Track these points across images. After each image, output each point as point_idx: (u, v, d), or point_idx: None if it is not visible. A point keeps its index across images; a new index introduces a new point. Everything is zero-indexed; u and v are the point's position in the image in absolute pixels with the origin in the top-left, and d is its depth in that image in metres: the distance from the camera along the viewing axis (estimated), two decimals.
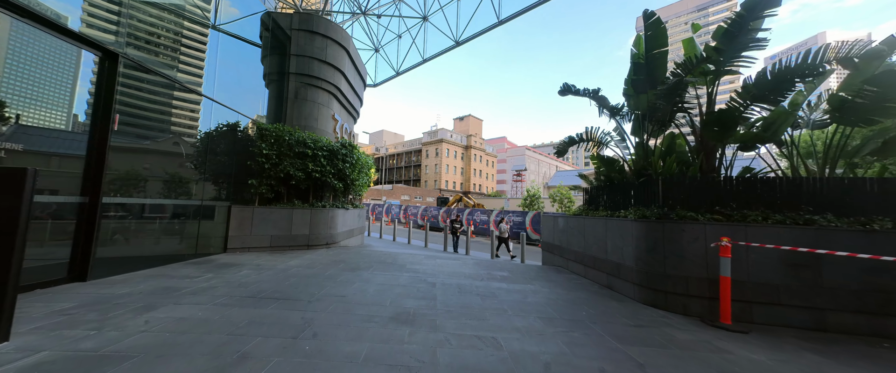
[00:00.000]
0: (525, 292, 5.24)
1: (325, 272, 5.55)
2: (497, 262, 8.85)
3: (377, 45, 19.43)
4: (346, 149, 9.14)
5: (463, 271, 6.61)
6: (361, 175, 10.45)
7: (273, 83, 9.61)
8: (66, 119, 4.42)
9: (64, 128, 4.36)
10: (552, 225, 8.85)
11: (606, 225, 6.10)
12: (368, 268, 6.25)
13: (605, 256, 6.08)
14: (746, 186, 4.86)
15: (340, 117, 11.28)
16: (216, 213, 6.85)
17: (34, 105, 4.01)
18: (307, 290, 4.38)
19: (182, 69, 6.66)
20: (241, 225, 7.13)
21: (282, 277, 5.00)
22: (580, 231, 7.15)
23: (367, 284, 4.99)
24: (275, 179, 7.71)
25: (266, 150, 7.46)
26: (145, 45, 5.75)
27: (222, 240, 6.90)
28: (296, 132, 8.18)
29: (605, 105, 6.97)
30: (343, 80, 10.90)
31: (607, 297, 5.24)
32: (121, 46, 4.95)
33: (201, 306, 3.47)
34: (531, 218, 19.53)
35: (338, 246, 9.04)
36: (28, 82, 4.01)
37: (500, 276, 6.42)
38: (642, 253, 5.04)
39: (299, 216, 7.94)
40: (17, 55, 3.88)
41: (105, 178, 4.46)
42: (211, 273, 4.95)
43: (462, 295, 4.75)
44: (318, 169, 8.26)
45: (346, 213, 9.66)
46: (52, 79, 4.25)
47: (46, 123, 4.13)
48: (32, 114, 4.01)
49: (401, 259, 7.67)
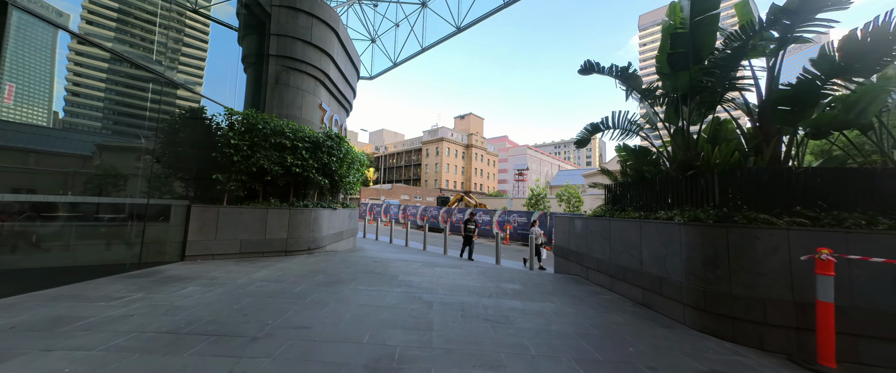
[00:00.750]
0: (546, 314, 4.14)
1: (295, 288, 4.44)
2: (504, 270, 7.76)
3: (373, 35, 18.33)
4: (332, 140, 8.04)
5: (466, 284, 5.51)
6: (352, 171, 9.34)
7: (251, 67, 8.51)
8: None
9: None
10: (567, 228, 7.75)
11: (641, 229, 5.00)
12: (352, 281, 5.15)
13: (640, 267, 4.98)
14: (835, 180, 3.75)
15: (330, 108, 10.17)
16: (173, 214, 5.75)
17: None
18: (259, 318, 3.28)
19: (131, 43, 5.58)
20: (203, 228, 6.02)
21: (234, 297, 3.90)
22: (604, 236, 6.05)
23: (344, 306, 3.89)
24: (246, 175, 6.61)
25: (235, 139, 6.36)
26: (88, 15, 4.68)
27: (179, 246, 5.80)
28: (273, 120, 7.07)
29: (635, 86, 5.86)
30: (332, 65, 9.79)
31: (650, 321, 4.14)
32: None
33: (83, 353, 2.37)
34: (537, 218, 18.40)
35: (323, 251, 7.94)
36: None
37: (512, 290, 5.32)
38: (696, 266, 3.94)
39: (275, 217, 6.84)
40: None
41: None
42: (142, 293, 3.85)
43: (467, 321, 3.65)
44: (298, 163, 7.16)
45: (333, 214, 8.56)
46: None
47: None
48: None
49: (393, 268, 6.56)
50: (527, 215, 19.29)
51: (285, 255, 6.91)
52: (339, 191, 9.47)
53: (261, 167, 6.70)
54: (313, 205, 7.84)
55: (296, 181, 7.65)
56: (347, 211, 10.14)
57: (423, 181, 69.68)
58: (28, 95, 4.05)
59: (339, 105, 11.33)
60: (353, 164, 9.16)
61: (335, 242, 8.87)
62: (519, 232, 19.28)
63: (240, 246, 6.39)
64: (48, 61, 4.32)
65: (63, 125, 4.65)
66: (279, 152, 6.97)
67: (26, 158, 4.11)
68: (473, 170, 72.39)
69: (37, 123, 4.24)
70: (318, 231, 7.68)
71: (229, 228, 6.29)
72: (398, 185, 57.86)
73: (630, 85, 5.91)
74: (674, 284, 4.26)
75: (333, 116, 10.55)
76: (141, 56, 5.38)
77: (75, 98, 4.80)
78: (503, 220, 20.18)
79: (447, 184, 66.97)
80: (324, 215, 7.96)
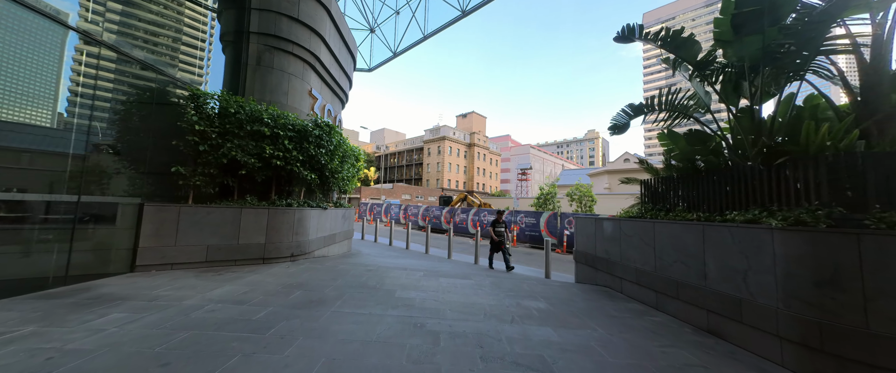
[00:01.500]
0: (591, 350, 3.06)
1: (258, 314, 3.38)
2: (519, 280, 6.69)
3: (372, 25, 17.28)
4: (320, 129, 6.97)
5: (480, 302, 4.43)
6: (345, 166, 8.28)
7: (229, 46, 7.46)
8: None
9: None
10: (592, 231, 6.67)
11: (704, 234, 3.92)
12: (336, 300, 4.08)
13: (702, 283, 3.90)
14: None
15: (321, 96, 9.12)
16: (120, 215, 4.71)
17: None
18: (186, 370, 2.21)
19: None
20: (160, 231, 4.98)
21: (165, 331, 2.84)
22: (645, 241, 4.96)
23: (318, 343, 2.82)
24: (216, 168, 5.55)
25: (201, 125, 5.30)
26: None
27: (129, 254, 4.75)
28: (250, 103, 6.02)
29: (689, 55, 4.76)
30: (323, 46, 8.73)
31: (731, 358, 3.07)
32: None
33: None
34: (546, 219, 17.32)
35: (309, 258, 6.88)
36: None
37: (537, 311, 4.24)
38: (804, 288, 2.86)
39: (251, 219, 5.78)
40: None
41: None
42: (37, 324, 2.79)
43: (488, 365, 2.58)
44: (279, 154, 6.10)
45: (322, 214, 7.50)
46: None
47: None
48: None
49: (391, 279, 5.50)
50: (535, 216, 18.20)
51: (263, 263, 5.85)
52: (332, 188, 8.41)
53: (233, 159, 5.64)
54: (299, 204, 6.78)
55: (278, 176, 6.60)
56: (341, 211, 9.08)
57: (425, 181, 68.60)
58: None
59: (332, 94, 10.27)
60: (346, 157, 8.10)
61: (326, 247, 7.81)
62: (527, 233, 18.19)
63: (206, 253, 5.34)
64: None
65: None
66: (256, 142, 5.91)
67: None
68: (476, 169, 71.22)
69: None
70: (303, 234, 6.61)
71: (193, 231, 5.23)
72: (399, 184, 56.80)
73: (682, 54, 4.81)
74: (762, 309, 3.17)
75: (326, 106, 9.49)
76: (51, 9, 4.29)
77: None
78: (509, 220, 19.10)
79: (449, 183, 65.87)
80: (311, 216, 6.89)
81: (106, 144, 4.65)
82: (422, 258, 9.93)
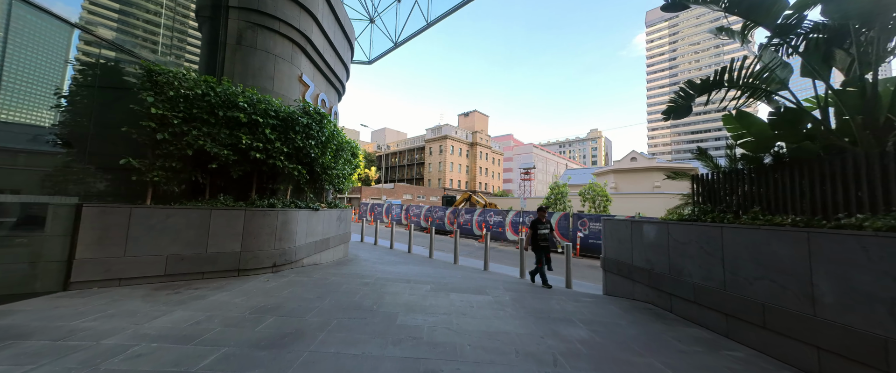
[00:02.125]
0: None
1: (202, 362, 2.39)
2: (543, 295, 5.70)
3: (372, 15, 16.30)
4: (309, 117, 5.99)
5: (505, 332, 3.43)
6: (340, 160, 7.30)
7: (206, 22, 6.48)
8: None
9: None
10: (627, 235, 5.68)
11: (808, 245, 2.92)
12: (318, 332, 3.09)
13: (810, 311, 2.90)
14: None
15: (314, 83, 8.14)
16: (50, 219, 3.74)
17: None
18: None
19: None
20: (104, 239, 4.00)
21: None
22: (709, 251, 3.96)
23: None
24: (178, 160, 4.57)
25: (158, 108, 4.31)
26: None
27: (61, 267, 3.78)
28: (224, 84, 5.04)
29: (761, 16, 3.74)
30: (315, 28, 7.75)
31: None
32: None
33: None
34: (557, 221, 16.30)
35: (296, 267, 5.89)
36: None
37: (580, 341, 3.25)
38: None
39: (223, 222, 4.80)
40: None
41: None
42: None
43: None
44: (259, 145, 5.12)
45: (313, 216, 6.51)
46: None
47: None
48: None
49: (391, 295, 4.51)
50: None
51: (238, 275, 4.87)
52: (324, 186, 7.43)
53: (201, 150, 4.66)
54: (284, 204, 5.80)
55: (259, 172, 5.62)
56: (336, 212, 8.10)
57: (427, 180, 67.56)
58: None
59: (326, 83, 9.29)
60: (340, 151, 7.11)
61: (317, 253, 6.83)
62: None
63: (166, 265, 4.36)
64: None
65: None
66: (230, 130, 4.93)
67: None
68: (478, 169, 70.11)
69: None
70: (288, 240, 5.62)
71: (148, 238, 4.25)
72: (401, 184, 55.78)
73: (755, 16, 3.79)
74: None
75: (319, 95, 8.52)
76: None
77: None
78: (517, 221, 18.09)
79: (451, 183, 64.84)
80: (298, 218, 5.90)
81: (29, 127, 3.68)
82: (426, 264, 8.94)
